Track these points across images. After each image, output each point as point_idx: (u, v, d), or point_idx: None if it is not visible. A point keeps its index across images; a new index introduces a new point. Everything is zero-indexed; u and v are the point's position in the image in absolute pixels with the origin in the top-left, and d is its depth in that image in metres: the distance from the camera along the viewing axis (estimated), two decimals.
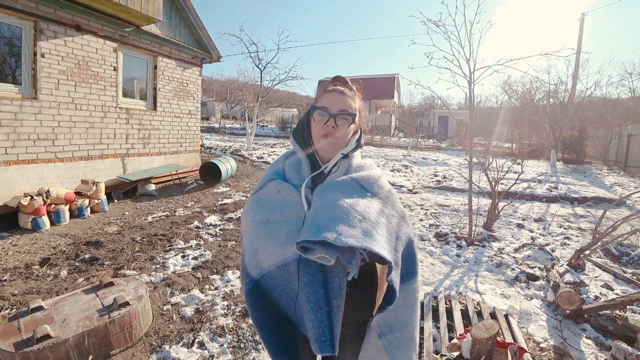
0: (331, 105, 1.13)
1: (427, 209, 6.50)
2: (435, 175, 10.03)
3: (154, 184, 7.12)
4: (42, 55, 5.12)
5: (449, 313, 2.87)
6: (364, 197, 1.05)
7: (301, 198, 1.07)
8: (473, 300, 3.09)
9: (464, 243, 4.62)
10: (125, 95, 6.75)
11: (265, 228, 1.07)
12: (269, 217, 1.08)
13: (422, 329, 2.56)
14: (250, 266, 1.11)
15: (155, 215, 5.42)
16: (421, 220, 5.79)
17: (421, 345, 2.38)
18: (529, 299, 3.29)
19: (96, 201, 5.54)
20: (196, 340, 2.45)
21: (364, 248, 0.90)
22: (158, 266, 3.59)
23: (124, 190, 6.61)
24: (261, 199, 1.15)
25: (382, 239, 0.96)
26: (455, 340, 2.30)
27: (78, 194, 5.42)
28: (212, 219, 5.15)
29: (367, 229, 0.94)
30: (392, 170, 10.56)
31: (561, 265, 3.71)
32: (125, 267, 3.56)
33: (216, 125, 27.21)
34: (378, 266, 1.20)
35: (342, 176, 1.12)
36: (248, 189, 7.33)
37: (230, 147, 14.16)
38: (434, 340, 2.51)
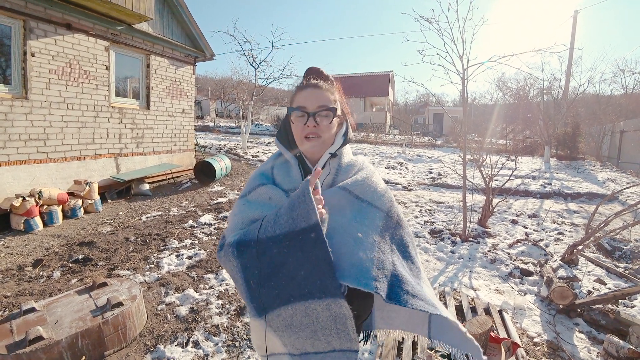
0: (308, 103, 1.04)
1: (422, 206, 6.52)
2: (430, 172, 10.07)
3: (148, 183, 7.07)
4: (32, 55, 5.06)
5: None
6: (359, 213, 1.01)
7: None
8: (467, 296, 3.11)
9: (458, 239, 4.64)
10: (117, 94, 6.69)
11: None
12: (258, 218, 1.03)
13: None
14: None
15: (149, 215, 5.38)
16: (416, 217, 5.81)
17: (415, 342, 2.39)
18: (522, 294, 3.31)
19: (89, 201, 5.49)
20: (191, 339, 2.44)
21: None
22: (152, 266, 3.57)
23: (118, 190, 6.56)
24: (250, 202, 1.08)
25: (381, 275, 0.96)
26: None
27: (71, 194, 5.37)
28: (207, 218, 5.13)
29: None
30: (387, 168, 10.58)
31: (554, 261, 3.74)
32: (119, 267, 3.53)
33: (210, 124, 27.10)
34: None
35: (333, 187, 1.04)
36: (243, 187, 7.30)
37: (224, 145, 14.10)
38: None
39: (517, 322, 2.80)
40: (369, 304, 1.15)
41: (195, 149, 9.27)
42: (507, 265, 3.91)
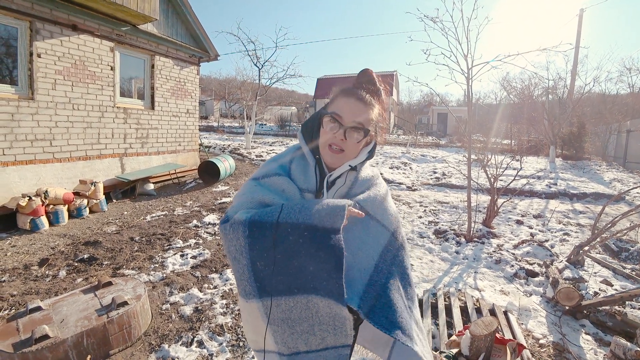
0: (345, 114, 1.01)
1: (426, 206, 6.50)
2: (435, 172, 10.03)
3: (153, 183, 7.11)
4: (39, 56, 5.10)
5: (448, 310, 2.87)
6: (365, 231, 1.02)
7: None
8: (472, 297, 3.09)
9: (463, 240, 4.62)
10: (122, 94, 6.73)
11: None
12: (269, 203, 1.01)
13: None
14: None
15: (154, 215, 5.41)
16: (420, 217, 5.79)
17: None
18: (528, 295, 3.29)
19: (95, 201, 5.53)
20: (195, 339, 2.45)
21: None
22: (157, 265, 3.59)
23: (123, 190, 6.60)
24: (262, 185, 1.06)
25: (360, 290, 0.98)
26: (454, 337, 2.30)
27: (76, 194, 5.41)
28: (211, 217, 5.15)
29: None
30: (391, 168, 10.55)
31: (560, 262, 3.71)
32: (124, 266, 3.55)
33: (215, 124, 27.19)
34: None
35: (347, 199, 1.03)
36: None
37: (229, 145, 14.15)
38: (433, 337, 2.51)
39: (522, 324, 2.78)
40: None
41: (199, 149, 9.30)
42: (512, 266, 3.88)
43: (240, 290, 0.98)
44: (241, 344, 2.43)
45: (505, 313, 2.77)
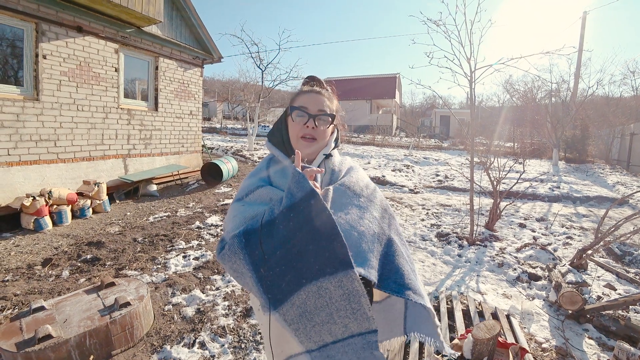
0: (310, 105, 1.13)
1: (429, 209, 6.49)
2: (437, 175, 10.02)
3: (156, 184, 7.13)
4: (44, 57, 5.14)
5: (450, 313, 2.86)
6: (359, 208, 1.10)
7: None
8: (474, 300, 3.08)
9: (465, 243, 4.60)
10: (126, 96, 6.77)
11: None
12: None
13: None
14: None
15: (156, 216, 5.43)
16: (423, 220, 5.78)
17: (422, 345, 2.37)
18: (530, 299, 3.28)
19: (98, 202, 5.55)
20: (197, 340, 2.45)
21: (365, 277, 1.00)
22: (159, 266, 3.60)
23: (126, 190, 6.62)
24: (250, 203, 1.09)
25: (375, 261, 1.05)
26: (456, 341, 2.29)
27: (80, 194, 5.44)
28: (214, 219, 5.16)
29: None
30: (393, 170, 10.54)
31: (563, 265, 3.70)
32: (127, 267, 3.56)
33: (218, 126, 27.24)
34: None
35: (333, 184, 1.13)
36: None
37: (231, 147, 14.17)
38: None
39: (525, 327, 2.77)
40: (370, 294, 1.16)
41: (202, 150, 9.33)
42: (515, 269, 3.87)
43: (259, 304, 0.99)
44: (243, 345, 2.43)
45: (507, 317, 2.77)
